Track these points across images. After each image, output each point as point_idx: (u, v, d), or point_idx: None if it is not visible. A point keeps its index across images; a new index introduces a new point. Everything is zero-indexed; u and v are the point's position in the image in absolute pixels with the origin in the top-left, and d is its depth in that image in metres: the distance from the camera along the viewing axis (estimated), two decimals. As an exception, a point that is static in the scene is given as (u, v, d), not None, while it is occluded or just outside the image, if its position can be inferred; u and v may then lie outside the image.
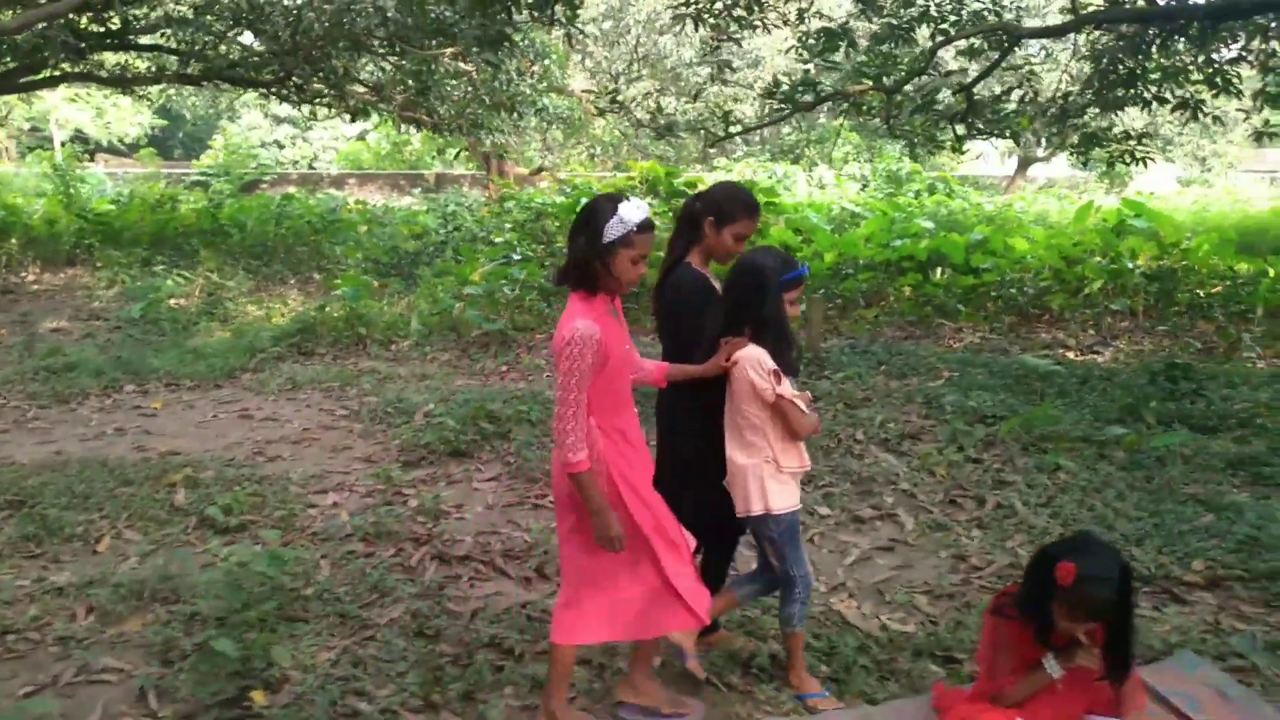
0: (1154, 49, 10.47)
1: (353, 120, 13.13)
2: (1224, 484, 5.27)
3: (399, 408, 6.77)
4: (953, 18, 10.21)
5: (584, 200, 12.02)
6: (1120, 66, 10.74)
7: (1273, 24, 9.82)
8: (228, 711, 3.16)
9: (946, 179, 17.88)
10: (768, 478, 3.15)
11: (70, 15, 12.02)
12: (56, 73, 12.97)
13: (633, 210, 2.83)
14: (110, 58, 15.89)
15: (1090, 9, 9.75)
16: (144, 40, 12.85)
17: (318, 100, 12.46)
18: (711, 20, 9.92)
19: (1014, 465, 5.67)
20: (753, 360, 3.12)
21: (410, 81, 11.80)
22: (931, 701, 3.18)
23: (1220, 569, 4.26)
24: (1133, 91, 10.82)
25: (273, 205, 16.88)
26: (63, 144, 23.90)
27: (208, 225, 15.45)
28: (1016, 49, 10.00)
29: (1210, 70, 10.50)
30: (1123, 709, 2.88)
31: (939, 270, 10.93)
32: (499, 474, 5.58)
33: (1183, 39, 10.16)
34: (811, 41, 10.15)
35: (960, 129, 10.23)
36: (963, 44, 10.58)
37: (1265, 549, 4.39)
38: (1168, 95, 10.82)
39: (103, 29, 12.75)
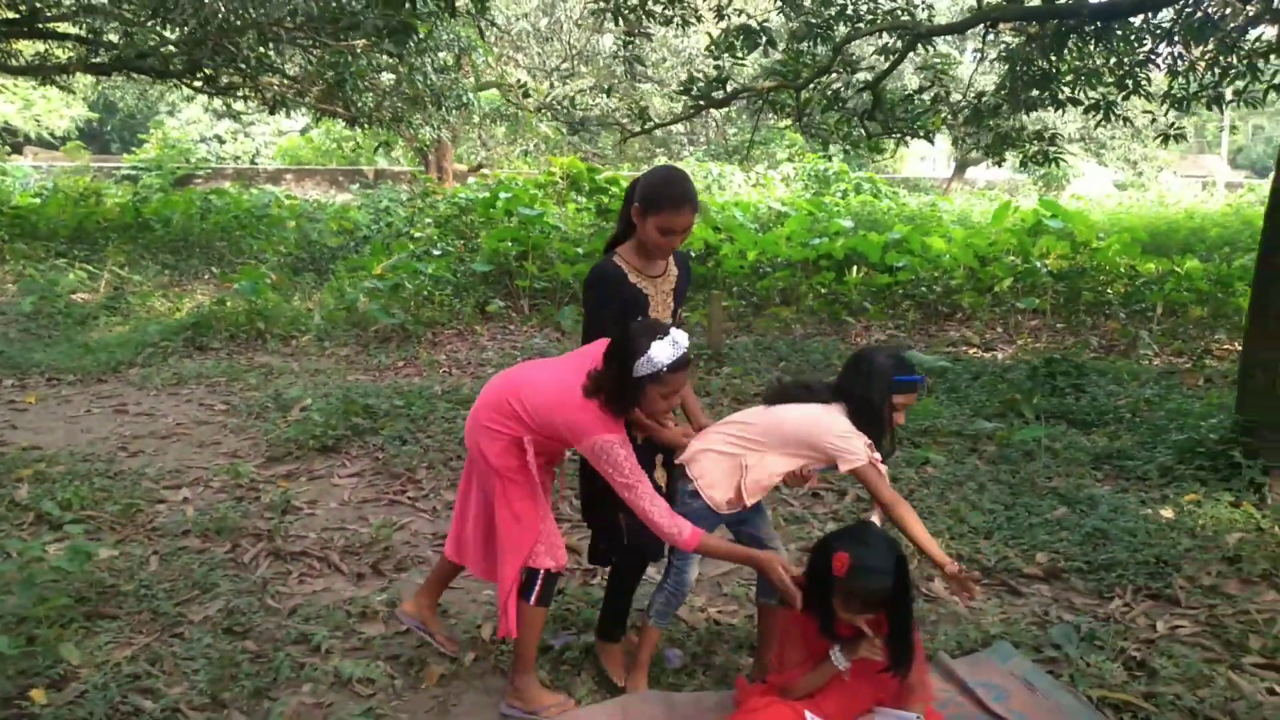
0: (1064, 50, 10.58)
1: (271, 113, 12.90)
2: (1087, 478, 5.30)
3: (278, 403, 6.63)
4: (869, 17, 10.23)
5: (503, 194, 11.93)
6: (1033, 67, 10.84)
7: (1176, 27, 9.95)
8: (2, 710, 3.03)
9: (873, 179, 17.97)
10: (723, 475, 3.08)
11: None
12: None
13: (664, 350, 2.72)
14: (28, 47, 15.49)
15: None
16: (54, 29, 12.51)
17: (231, 92, 12.22)
18: (629, 14, 9.87)
19: (886, 459, 5.65)
20: (830, 428, 2.99)
21: (328, 73, 11.62)
22: (734, 695, 3.14)
23: (1062, 560, 4.26)
24: (1047, 93, 10.93)
25: (198, 200, 16.59)
26: (-13, 136, 23.40)
27: (130, 220, 15.15)
28: (928, 48, 10.05)
29: (1121, 72, 10.63)
30: (909, 700, 2.85)
31: (855, 268, 10.96)
32: (363, 470, 5.47)
33: (1090, 40, 10.27)
34: (730, 39, 10.13)
35: (873, 126, 10.25)
36: (877, 43, 10.61)
37: (1110, 540, 4.40)
38: (1081, 96, 10.95)
39: (15, 15, 12.44)
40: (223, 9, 9.62)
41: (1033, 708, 3.13)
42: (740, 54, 10.10)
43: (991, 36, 9.91)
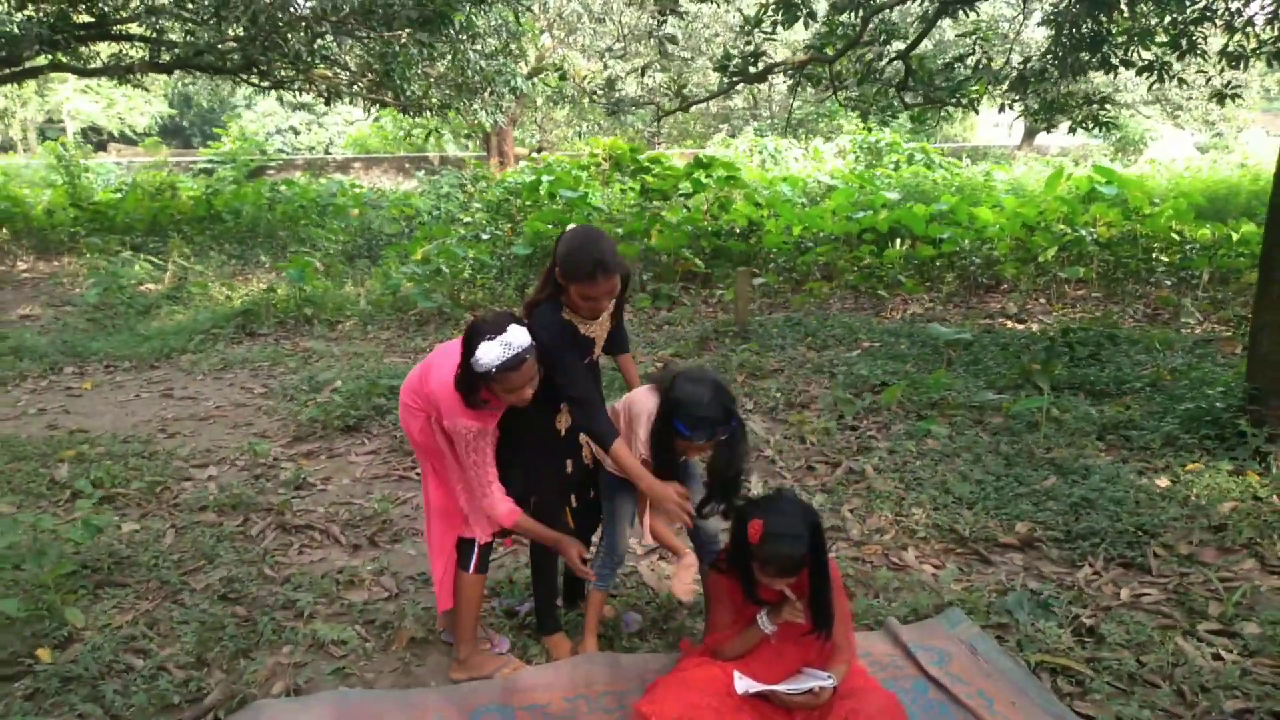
0: (1113, 10, 10.27)
1: (327, 104, 13.30)
2: (1089, 448, 5.26)
3: (311, 385, 6.94)
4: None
5: (546, 177, 12.13)
6: (1083, 28, 10.56)
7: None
8: (9, 668, 3.33)
9: (925, 149, 17.64)
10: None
11: (60, 6, 12.35)
12: (39, 63, 13.31)
13: (492, 352, 2.74)
14: (106, 49, 16.21)
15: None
16: (117, 30, 13.08)
17: (285, 86, 12.64)
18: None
19: (888, 431, 5.70)
20: (646, 409, 3.11)
21: (375, 64, 11.94)
22: (679, 657, 3.27)
23: (1041, 530, 4.28)
24: (1098, 55, 10.64)
25: (267, 190, 17.19)
26: (73, 135, 24.49)
27: (203, 212, 15.79)
28: (968, 13, 9.87)
29: (1175, 31, 10.30)
30: (835, 660, 2.94)
31: (899, 241, 10.87)
32: (379, 448, 5.72)
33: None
34: (764, 14, 10.10)
35: (909, 97, 10.13)
36: (917, 10, 10.47)
37: (1095, 510, 4.40)
38: (1134, 58, 10.64)
39: (90, 19, 13.05)
40: (269, 5, 9.95)
41: (971, 671, 3.21)
42: (783, 27, 10.07)
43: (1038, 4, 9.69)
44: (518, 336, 2.80)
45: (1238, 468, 4.79)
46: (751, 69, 10.23)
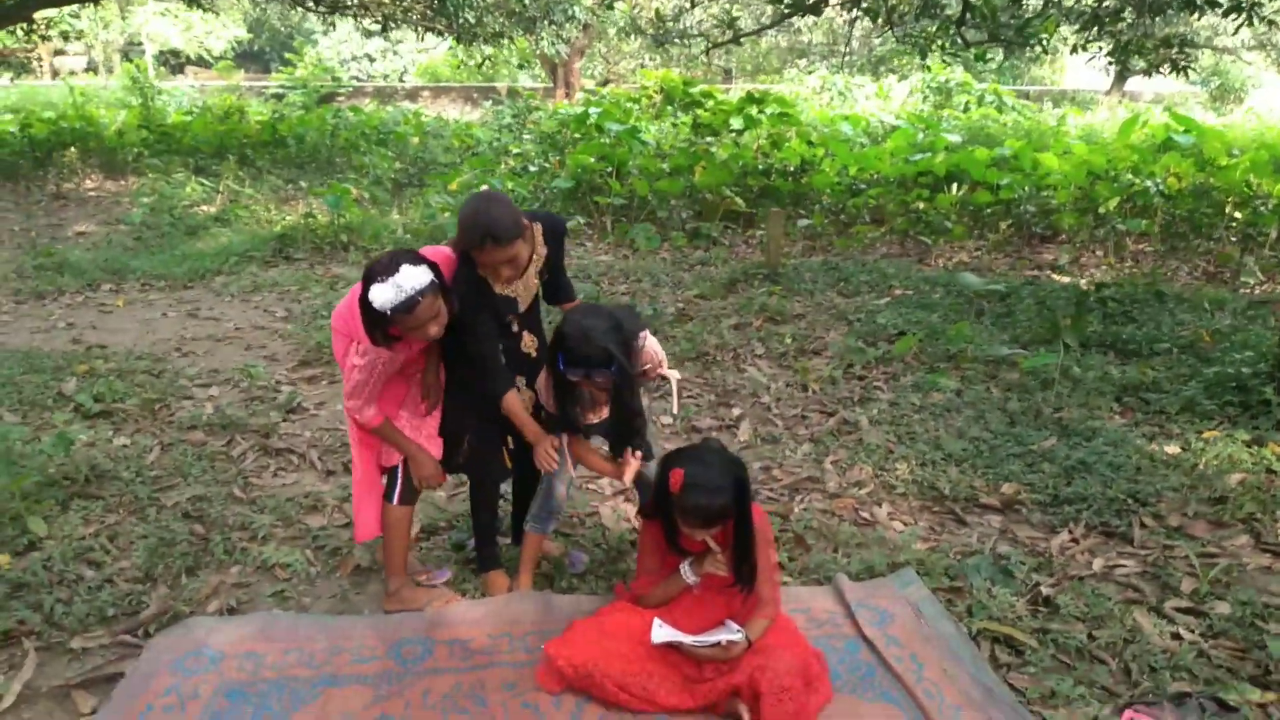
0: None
1: (384, 30, 13.24)
2: (1102, 409, 5.02)
3: (329, 311, 6.98)
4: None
5: (594, 110, 11.94)
6: (1165, -35, 9.91)
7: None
8: (-31, 571, 3.43)
9: (996, 91, 16.83)
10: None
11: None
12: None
13: (384, 294, 2.67)
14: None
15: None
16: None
17: (341, 10, 12.61)
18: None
19: (895, 383, 5.51)
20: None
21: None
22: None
23: (1027, 492, 4.10)
24: (1181, -7, 9.99)
25: (331, 116, 17.29)
26: (151, 58, 24.89)
27: (268, 137, 15.97)
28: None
29: (1268, -33, 9.61)
30: (758, 614, 2.85)
31: (955, 186, 10.46)
32: (380, 375, 5.72)
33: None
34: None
35: (972, 34, 9.65)
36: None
37: (1090, 474, 4.19)
38: (1221, -2, 9.97)
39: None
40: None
41: (910, 634, 3.08)
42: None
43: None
44: (410, 278, 2.69)
45: (1256, 438, 4.52)
46: (806, 1, 9.86)
